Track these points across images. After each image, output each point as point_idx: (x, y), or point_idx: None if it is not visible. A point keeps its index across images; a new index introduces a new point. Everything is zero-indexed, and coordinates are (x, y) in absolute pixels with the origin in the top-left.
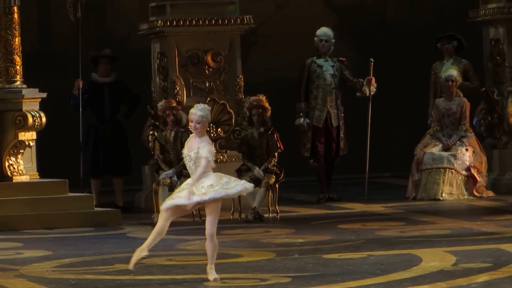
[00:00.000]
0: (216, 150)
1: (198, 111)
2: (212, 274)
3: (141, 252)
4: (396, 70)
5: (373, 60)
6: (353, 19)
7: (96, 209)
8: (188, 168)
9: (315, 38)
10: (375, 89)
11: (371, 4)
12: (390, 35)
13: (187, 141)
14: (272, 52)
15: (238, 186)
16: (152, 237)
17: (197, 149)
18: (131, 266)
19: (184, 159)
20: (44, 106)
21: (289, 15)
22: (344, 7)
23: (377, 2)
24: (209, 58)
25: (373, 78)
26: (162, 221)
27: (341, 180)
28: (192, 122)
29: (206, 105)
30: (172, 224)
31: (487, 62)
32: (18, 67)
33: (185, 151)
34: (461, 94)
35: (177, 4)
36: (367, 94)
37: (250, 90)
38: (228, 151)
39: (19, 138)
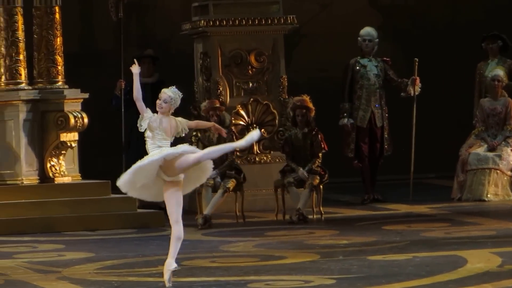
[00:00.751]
0: (259, 150)
1: (168, 91)
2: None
3: (169, 266)
4: (441, 70)
5: (417, 60)
6: (397, 18)
7: (139, 210)
8: (158, 140)
9: (359, 38)
10: (419, 89)
11: (415, 4)
12: (434, 35)
13: (152, 121)
14: (316, 52)
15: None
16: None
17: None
18: (166, 284)
19: (154, 136)
20: (86, 106)
21: (333, 15)
22: (388, 7)
23: (421, 2)
24: (252, 58)
25: (418, 78)
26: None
27: (385, 181)
28: (159, 99)
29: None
30: (216, 225)
31: None
32: (59, 68)
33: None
34: (506, 94)
35: (220, 4)
36: (412, 94)
37: (293, 90)
38: (271, 152)
39: (61, 139)
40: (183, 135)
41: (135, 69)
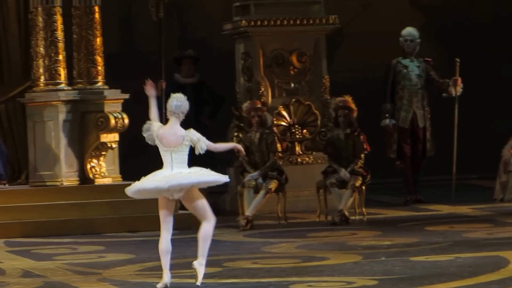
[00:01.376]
0: (301, 151)
1: (174, 101)
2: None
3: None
4: (483, 70)
5: (459, 60)
6: (439, 18)
7: (180, 211)
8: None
9: (400, 38)
10: (461, 90)
11: (457, 3)
12: (476, 34)
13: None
14: (357, 52)
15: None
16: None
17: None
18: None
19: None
20: (126, 107)
21: (375, 15)
22: (430, 7)
23: (462, 1)
24: (294, 58)
25: (459, 78)
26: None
27: (428, 182)
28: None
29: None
30: (258, 226)
31: None
32: (99, 68)
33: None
34: None
35: (261, 4)
36: (453, 95)
37: (335, 90)
38: (313, 153)
39: (101, 140)
40: (201, 152)
41: (151, 91)
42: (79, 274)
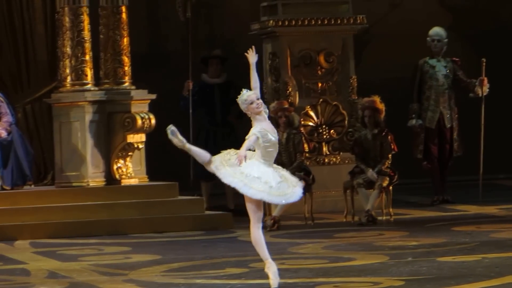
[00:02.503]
0: (329, 152)
1: (249, 92)
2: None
3: (272, 267)
4: (510, 70)
5: (485, 60)
6: (467, 19)
7: (207, 212)
8: (271, 154)
9: (428, 38)
10: (487, 90)
11: (485, 4)
12: (504, 35)
13: (257, 126)
14: (385, 52)
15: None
16: (261, 247)
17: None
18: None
19: (269, 146)
20: (154, 107)
21: (403, 15)
22: (458, 7)
23: (491, 2)
24: (321, 58)
25: (486, 78)
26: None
27: (455, 182)
28: (253, 103)
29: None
30: (285, 227)
31: None
32: (126, 68)
33: (272, 138)
34: None
35: (289, 4)
36: (480, 95)
37: (363, 91)
38: (341, 153)
39: (128, 141)
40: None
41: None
42: (105, 275)
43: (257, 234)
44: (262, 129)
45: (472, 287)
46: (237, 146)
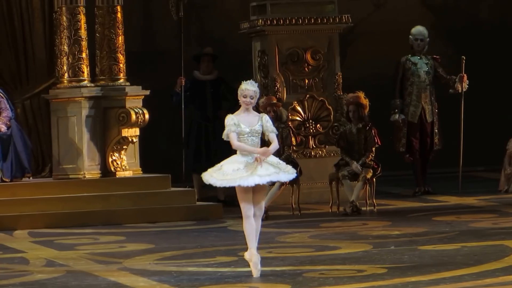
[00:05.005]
0: (315, 145)
1: (251, 87)
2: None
3: (254, 257)
4: (489, 68)
5: (464, 58)
6: (448, 18)
7: (198, 203)
8: (247, 143)
9: (410, 37)
10: (467, 86)
11: (466, 4)
12: (483, 33)
13: (232, 118)
14: (369, 50)
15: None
16: (253, 236)
17: (261, 122)
18: (256, 275)
19: (243, 137)
20: (147, 103)
21: (386, 14)
22: (439, 7)
23: (471, 2)
24: (308, 56)
25: (465, 75)
26: (252, 216)
27: (436, 174)
28: (246, 97)
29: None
30: (273, 217)
31: None
32: (121, 65)
33: (246, 129)
34: None
35: (277, 4)
36: (460, 91)
37: (348, 87)
38: (327, 146)
39: (123, 135)
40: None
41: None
42: (100, 263)
43: (245, 224)
44: (233, 124)
45: (452, 275)
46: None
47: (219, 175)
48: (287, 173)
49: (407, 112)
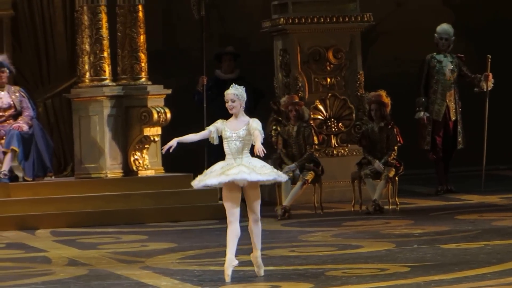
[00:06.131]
0: (337, 144)
1: (232, 90)
2: (261, 268)
3: (231, 262)
4: (510, 66)
5: (490, 57)
6: (469, 16)
7: (220, 202)
8: (229, 147)
9: (436, 35)
10: (492, 85)
11: (486, 2)
12: (506, 32)
13: (220, 120)
14: (391, 48)
15: (284, 174)
16: (231, 241)
17: (246, 127)
18: (227, 279)
19: (226, 141)
20: (169, 102)
21: (408, 12)
22: (460, 5)
23: (491, 0)
24: (330, 54)
25: (491, 74)
26: (235, 221)
27: (459, 173)
28: (227, 101)
29: (238, 86)
30: (295, 216)
31: None
32: (143, 64)
33: (227, 133)
34: None
35: (299, 2)
36: (485, 89)
37: (370, 85)
38: (349, 145)
39: (144, 134)
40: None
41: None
42: (122, 262)
43: (228, 229)
44: (214, 125)
45: (475, 273)
46: None
47: (200, 176)
48: (259, 175)
49: (431, 110)
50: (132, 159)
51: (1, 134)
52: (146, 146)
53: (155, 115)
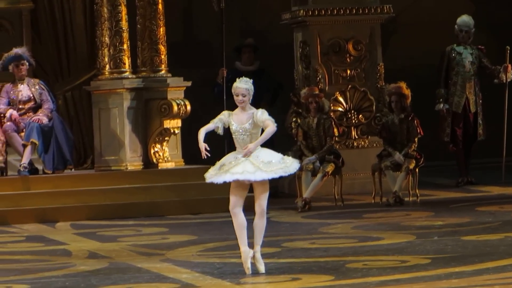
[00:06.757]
0: (357, 136)
1: (243, 84)
2: (261, 264)
3: (247, 254)
4: None
5: (509, 48)
6: (489, 7)
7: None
8: (237, 141)
9: (456, 27)
10: (511, 76)
11: None
12: None
13: (226, 112)
14: (411, 40)
15: (294, 165)
16: (240, 233)
17: (252, 120)
18: (248, 272)
19: (234, 134)
20: (189, 94)
21: (427, 4)
22: None
23: None
24: (350, 46)
25: (510, 65)
26: (238, 213)
27: (479, 164)
28: (238, 95)
29: (248, 79)
30: (315, 208)
31: None
32: (163, 57)
33: (233, 127)
34: None
35: None
36: (504, 81)
37: (390, 77)
38: (369, 137)
39: (164, 126)
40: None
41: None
42: (143, 255)
43: (233, 221)
44: (220, 117)
45: (496, 265)
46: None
47: (212, 170)
48: (265, 173)
49: (451, 102)
50: (152, 151)
51: (21, 127)
52: (166, 138)
53: (175, 108)
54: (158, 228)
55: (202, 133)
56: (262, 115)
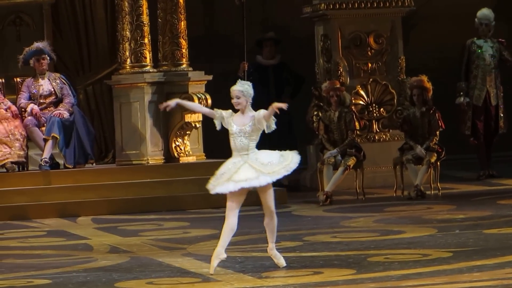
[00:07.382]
0: (379, 129)
1: (238, 87)
2: (280, 258)
3: (219, 255)
4: None
5: None
6: (509, 0)
7: None
8: (235, 143)
9: (476, 20)
10: None
11: None
12: None
13: (228, 112)
14: (432, 33)
15: (294, 159)
16: (225, 234)
17: (252, 122)
18: (211, 271)
19: (232, 136)
20: (210, 88)
21: None
22: None
23: None
24: (371, 40)
25: None
26: (232, 216)
27: (500, 157)
28: (233, 98)
29: (246, 81)
30: (337, 202)
31: None
32: (184, 50)
33: (233, 128)
34: None
35: None
36: None
37: (411, 70)
38: (390, 130)
39: (186, 120)
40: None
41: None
42: (164, 249)
43: (224, 223)
44: (228, 116)
45: None
46: (291, 125)
47: (213, 180)
48: (268, 176)
49: (472, 95)
50: (173, 145)
51: (42, 122)
52: (187, 132)
53: (196, 101)
54: (180, 222)
55: (193, 104)
56: (259, 112)
